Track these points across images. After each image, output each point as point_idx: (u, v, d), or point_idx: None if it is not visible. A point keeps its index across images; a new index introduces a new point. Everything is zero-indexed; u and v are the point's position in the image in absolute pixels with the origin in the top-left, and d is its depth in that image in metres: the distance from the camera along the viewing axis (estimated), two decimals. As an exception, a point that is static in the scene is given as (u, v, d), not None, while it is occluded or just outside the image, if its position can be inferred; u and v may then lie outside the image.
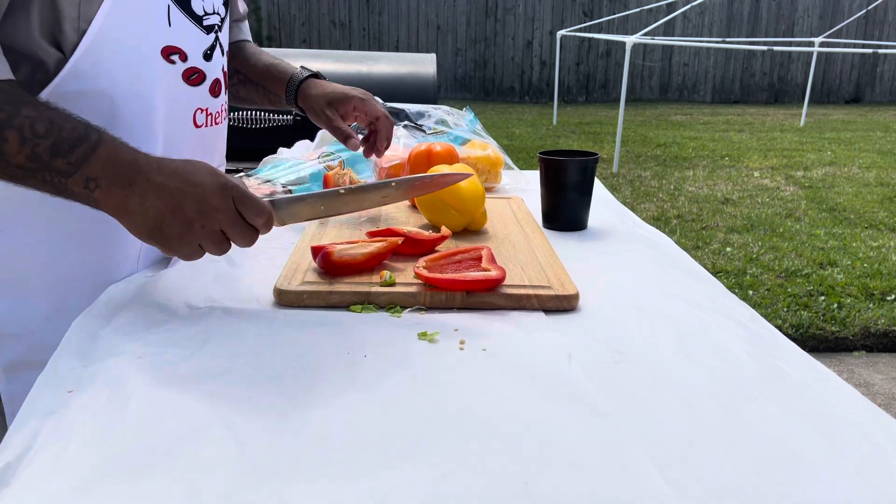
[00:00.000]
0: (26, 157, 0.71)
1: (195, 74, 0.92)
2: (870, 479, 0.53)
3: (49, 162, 0.72)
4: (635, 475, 0.53)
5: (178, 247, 0.76)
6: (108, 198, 0.74)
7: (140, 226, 0.75)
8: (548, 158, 1.18)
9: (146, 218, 0.74)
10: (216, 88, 0.98)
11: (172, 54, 0.87)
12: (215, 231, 0.76)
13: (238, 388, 0.64)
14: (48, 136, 0.71)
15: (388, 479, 0.51)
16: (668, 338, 0.76)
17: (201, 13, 0.92)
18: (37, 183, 0.73)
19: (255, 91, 1.18)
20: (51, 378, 0.66)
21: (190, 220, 0.74)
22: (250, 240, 0.78)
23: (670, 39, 8.92)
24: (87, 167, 0.72)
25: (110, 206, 0.74)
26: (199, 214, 0.74)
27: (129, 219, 0.75)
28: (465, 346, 0.73)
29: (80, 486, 0.50)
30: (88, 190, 0.73)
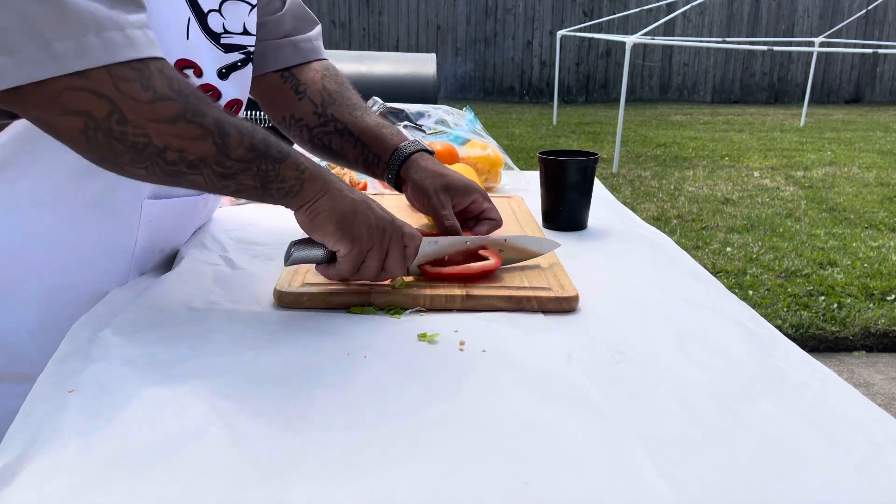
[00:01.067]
0: (246, 149, 0.72)
1: (209, 92, 0.89)
2: (870, 479, 0.53)
3: (265, 151, 0.73)
4: (635, 475, 0.53)
5: (362, 236, 0.79)
6: (313, 180, 0.76)
7: (336, 208, 0.77)
8: (548, 158, 1.18)
9: (343, 202, 0.78)
10: (233, 109, 0.94)
11: (187, 68, 0.85)
12: (387, 241, 0.81)
13: (238, 389, 0.64)
14: (255, 130, 0.73)
15: (387, 480, 0.51)
16: (668, 338, 0.76)
17: (219, 31, 0.89)
18: (248, 176, 0.73)
19: (353, 147, 1.07)
20: (51, 378, 0.66)
21: (379, 219, 0.80)
22: (402, 266, 0.84)
23: (670, 39, 8.92)
24: (293, 156, 0.76)
25: (314, 189, 0.77)
26: (385, 220, 0.81)
27: (327, 201, 0.77)
28: (464, 348, 0.73)
29: (80, 486, 0.50)
30: (299, 171, 0.75)
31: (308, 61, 1.10)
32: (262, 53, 1.07)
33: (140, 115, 0.65)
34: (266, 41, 1.06)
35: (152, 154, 0.67)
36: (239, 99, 0.94)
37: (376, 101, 1.69)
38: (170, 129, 0.67)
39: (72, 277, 0.86)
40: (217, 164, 0.71)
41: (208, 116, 0.69)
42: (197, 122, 0.68)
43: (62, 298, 0.85)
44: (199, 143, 0.69)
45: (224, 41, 0.89)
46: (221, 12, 0.88)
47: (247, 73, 0.94)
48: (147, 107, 0.65)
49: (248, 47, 0.93)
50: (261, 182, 0.74)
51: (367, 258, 0.80)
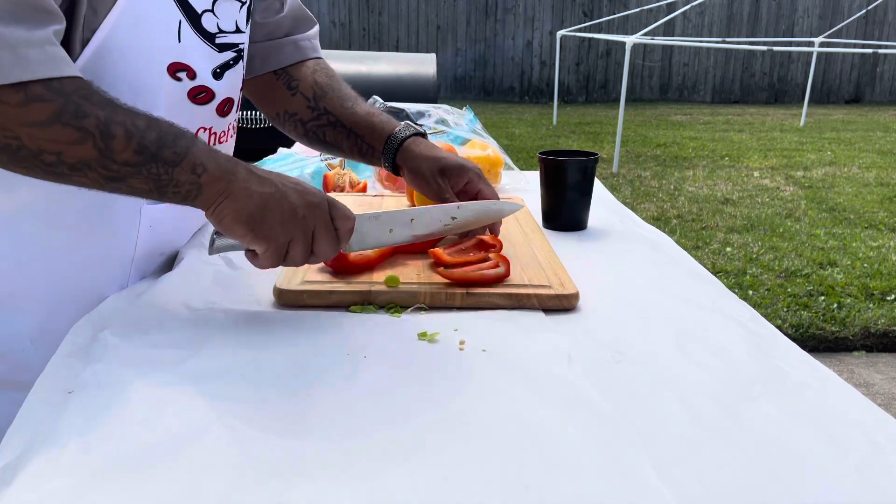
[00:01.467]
0: (133, 152, 0.69)
1: (203, 93, 0.88)
2: (870, 479, 0.53)
3: (156, 153, 0.70)
4: (635, 476, 0.53)
5: (275, 234, 0.75)
6: (213, 182, 0.73)
7: (241, 211, 0.74)
8: (548, 158, 1.18)
9: (249, 202, 0.74)
10: (226, 108, 0.94)
11: (179, 71, 0.84)
12: (310, 229, 0.77)
13: (238, 389, 0.64)
14: (150, 129, 0.71)
15: (387, 481, 0.51)
16: (668, 338, 0.76)
17: (214, 31, 0.88)
18: (139, 180, 0.71)
19: (346, 138, 1.08)
20: (51, 378, 0.66)
21: (294, 208, 0.76)
22: (334, 248, 0.80)
23: (670, 39, 8.92)
24: (192, 155, 0.72)
25: (213, 192, 0.73)
26: (303, 204, 0.76)
27: (229, 204, 0.74)
28: (464, 347, 0.73)
29: (80, 486, 0.50)
30: (196, 175, 0.72)
31: (306, 59, 1.10)
32: (263, 54, 1.07)
33: (9, 119, 0.64)
34: (267, 41, 1.07)
35: (28, 156, 0.66)
36: (231, 97, 0.94)
37: (376, 100, 1.69)
38: (42, 132, 0.65)
39: (72, 285, 0.86)
40: (102, 167, 0.69)
41: (90, 117, 0.67)
42: (74, 124, 0.66)
43: (63, 306, 0.85)
44: (77, 146, 0.67)
45: (219, 41, 0.89)
46: (215, 12, 0.88)
47: (238, 71, 0.94)
48: (16, 110, 0.64)
49: (239, 45, 0.93)
50: (154, 185, 0.72)
51: (290, 249, 0.77)
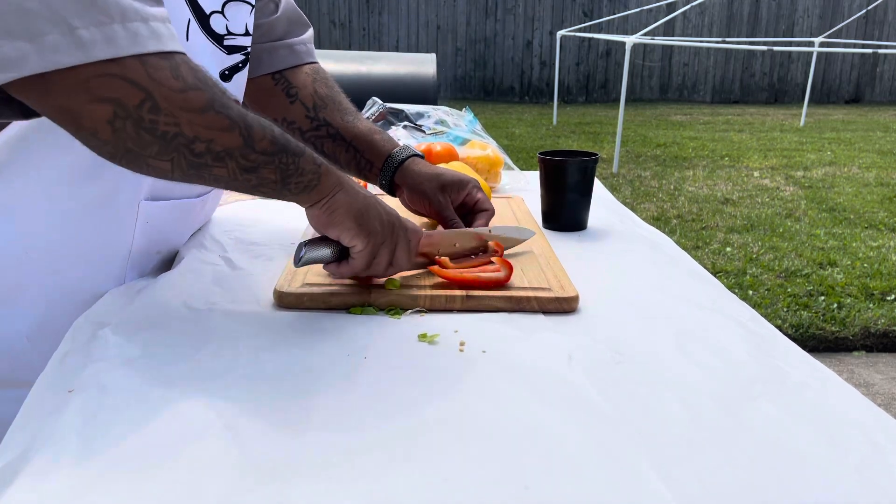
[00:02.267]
0: (269, 142, 0.71)
1: None
2: (870, 479, 0.53)
3: (286, 144, 0.73)
4: (635, 476, 0.53)
5: (377, 231, 0.80)
6: (330, 173, 0.77)
7: (352, 205, 0.78)
8: (548, 158, 1.18)
9: (357, 199, 0.79)
10: None
11: None
12: (395, 243, 0.83)
13: (238, 390, 0.64)
14: (271, 124, 0.73)
15: (387, 482, 0.51)
16: (668, 338, 0.76)
17: (223, 32, 0.88)
18: (269, 170, 0.73)
19: (345, 151, 1.08)
20: (51, 378, 0.66)
21: (389, 215, 0.82)
22: (409, 259, 0.86)
23: (670, 39, 8.92)
24: (309, 150, 0.76)
25: (330, 183, 0.77)
26: (393, 215, 0.83)
27: (343, 195, 0.78)
28: (465, 348, 0.73)
29: (80, 486, 0.50)
30: (317, 165, 0.76)
31: (301, 64, 1.10)
32: (256, 56, 1.07)
33: (173, 104, 0.63)
34: (260, 44, 1.06)
35: (180, 145, 0.66)
36: (238, 100, 0.94)
37: (376, 101, 1.69)
38: (200, 118, 0.66)
39: (69, 281, 0.85)
40: (242, 157, 0.70)
41: (233, 109, 0.69)
42: (224, 112, 0.68)
43: (60, 303, 0.85)
44: (227, 134, 0.68)
45: (227, 43, 0.89)
46: (224, 13, 0.87)
47: (245, 74, 0.94)
48: (179, 95, 0.64)
49: (247, 48, 0.93)
50: (281, 175, 0.74)
51: (379, 254, 0.81)
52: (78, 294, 0.85)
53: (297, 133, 1.09)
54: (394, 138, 1.10)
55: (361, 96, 1.77)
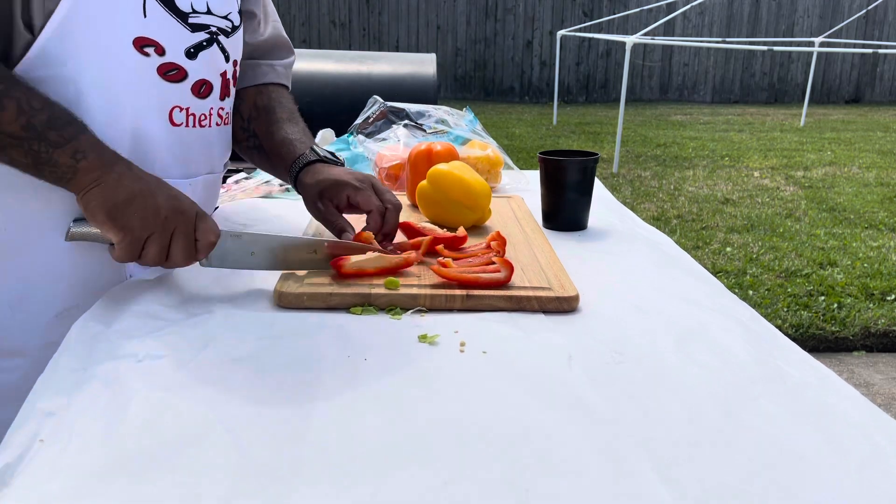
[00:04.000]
0: (21, 127, 0.75)
1: (173, 70, 0.89)
2: (870, 479, 0.53)
3: (42, 132, 0.76)
4: (635, 477, 0.53)
5: (133, 225, 0.79)
6: (89, 170, 0.78)
7: (107, 200, 0.78)
8: (548, 158, 1.18)
9: (116, 193, 0.78)
10: (203, 90, 0.95)
11: (146, 46, 0.86)
12: (169, 233, 0.80)
13: (238, 392, 0.64)
14: (43, 110, 0.76)
15: (388, 485, 0.51)
16: (668, 338, 0.76)
17: (188, 10, 0.90)
18: (18, 153, 0.76)
19: (267, 163, 1.10)
20: (51, 380, 0.66)
21: (158, 209, 0.79)
22: (188, 257, 0.82)
23: (670, 39, 8.92)
24: (76, 142, 0.78)
25: (87, 179, 0.78)
26: (169, 208, 0.80)
27: (98, 191, 0.78)
28: (465, 349, 0.73)
29: (80, 487, 0.50)
30: (74, 160, 0.77)
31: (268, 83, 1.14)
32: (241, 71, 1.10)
33: None
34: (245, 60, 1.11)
35: None
36: (206, 80, 0.94)
37: (377, 100, 1.69)
38: None
39: (52, 252, 0.87)
40: None
41: None
42: None
43: (45, 275, 0.87)
44: None
45: (192, 20, 0.91)
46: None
47: (213, 53, 0.95)
48: None
49: (211, 27, 0.94)
50: (33, 161, 0.77)
51: (147, 246, 0.80)
52: (61, 265, 0.87)
53: (235, 143, 1.11)
54: (302, 144, 1.06)
55: (361, 96, 1.77)
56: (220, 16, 0.95)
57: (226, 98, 1.01)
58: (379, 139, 1.56)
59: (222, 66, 0.98)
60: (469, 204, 1.10)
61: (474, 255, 0.95)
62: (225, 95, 1.00)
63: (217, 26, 0.95)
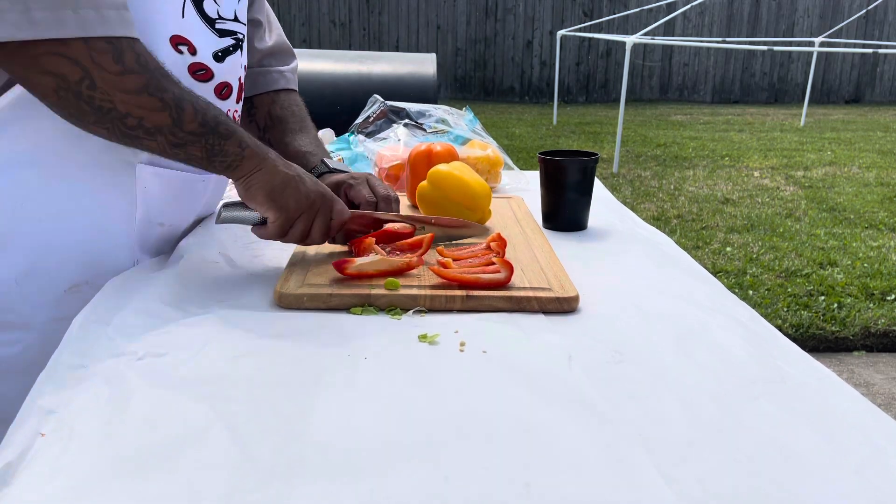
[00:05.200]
0: (198, 124, 0.81)
1: (202, 70, 0.93)
2: (870, 479, 0.53)
3: (215, 127, 0.83)
4: (636, 476, 0.53)
5: (289, 206, 0.87)
6: (252, 157, 0.86)
7: (268, 182, 0.86)
8: (548, 158, 1.18)
9: (276, 177, 0.87)
10: (224, 91, 0.99)
11: (181, 45, 0.89)
12: (315, 212, 0.90)
13: (238, 391, 0.64)
14: (208, 107, 0.83)
15: (388, 482, 0.51)
16: (668, 338, 0.76)
17: (214, 16, 0.94)
18: (196, 148, 0.82)
19: None
20: (51, 378, 0.66)
21: (308, 194, 0.89)
22: (325, 237, 0.93)
23: (670, 39, 8.92)
24: (239, 133, 0.85)
25: (251, 164, 0.86)
26: (316, 193, 0.90)
27: (260, 175, 0.86)
28: (465, 349, 0.73)
29: (80, 487, 0.50)
30: (240, 149, 0.85)
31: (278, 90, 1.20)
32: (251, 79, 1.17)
33: (108, 84, 0.75)
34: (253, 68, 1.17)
35: (115, 118, 0.77)
36: (228, 82, 0.99)
37: (377, 99, 1.69)
38: (133, 99, 0.77)
39: (66, 233, 0.89)
40: (171, 134, 0.80)
41: (169, 92, 0.79)
42: (158, 95, 0.78)
43: (52, 250, 0.88)
44: (158, 114, 0.78)
45: (218, 26, 0.95)
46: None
47: (237, 59, 1.00)
48: (116, 78, 0.75)
49: (237, 33, 0.99)
50: (207, 154, 0.83)
51: (294, 225, 0.89)
52: (75, 246, 0.89)
53: None
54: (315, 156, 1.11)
55: (362, 96, 1.77)
56: (240, 21, 1.00)
57: (239, 101, 1.06)
58: (379, 139, 1.56)
59: (240, 72, 1.02)
60: (469, 204, 1.10)
61: (474, 256, 0.95)
62: (239, 99, 1.05)
63: (240, 33, 1.00)
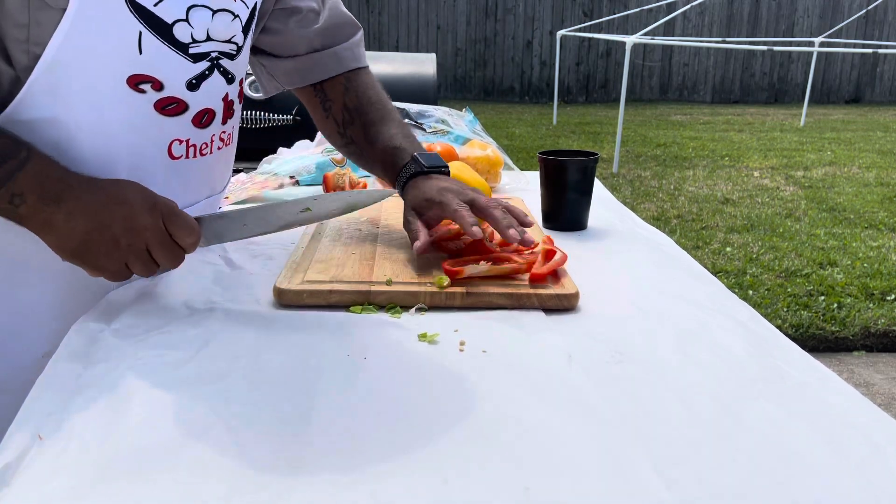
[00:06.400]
0: None
1: (172, 104, 0.85)
2: (870, 479, 0.53)
3: None
4: (635, 477, 0.53)
5: (103, 265, 0.77)
6: (33, 214, 0.74)
7: (64, 244, 0.75)
8: (548, 158, 1.18)
9: (71, 235, 0.75)
10: (205, 119, 0.91)
11: (143, 83, 0.82)
12: (142, 250, 0.77)
13: (238, 391, 0.64)
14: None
15: (387, 484, 0.51)
16: (668, 338, 0.76)
17: (187, 41, 0.84)
18: None
19: (373, 171, 1.11)
20: (51, 379, 0.66)
21: (116, 238, 0.76)
22: (177, 260, 0.80)
23: (670, 39, 8.92)
24: (13, 183, 0.72)
25: (35, 223, 0.74)
26: (125, 232, 0.76)
27: (53, 236, 0.75)
28: (465, 348, 0.73)
29: (79, 487, 0.50)
30: (13, 206, 0.73)
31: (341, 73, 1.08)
32: (303, 68, 1.06)
33: None
34: (305, 55, 1.06)
35: None
36: (209, 108, 0.90)
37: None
38: None
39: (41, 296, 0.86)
40: None
41: None
42: None
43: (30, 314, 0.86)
44: None
45: (192, 51, 0.86)
46: (189, 21, 0.84)
47: (215, 80, 0.90)
48: None
49: (212, 53, 0.89)
50: None
51: (132, 267, 0.78)
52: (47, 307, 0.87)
53: (337, 145, 1.12)
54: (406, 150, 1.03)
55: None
56: (222, 41, 0.89)
57: (228, 121, 0.97)
58: (379, 139, 1.56)
59: (224, 91, 0.93)
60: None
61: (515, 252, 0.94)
62: (227, 118, 0.96)
63: (219, 51, 0.90)
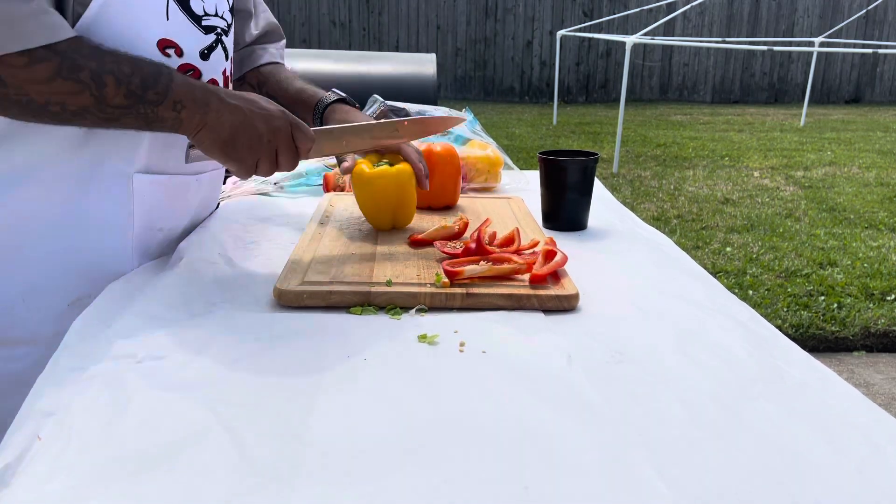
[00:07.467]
0: (124, 96, 0.79)
1: (190, 71, 0.93)
2: (870, 479, 0.53)
3: (142, 95, 0.80)
4: (635, 476, 0.53)
5: (243, 157, 0.87)
6: (191, 116, 0.83)
7: (216, 139, 0.85)
8: (548, 158, 1.18)
9: (222, 131, 0.85)
10: None
11: (168, 48, 0.89)
12: (273, 149, 0.88)
13: (238, 392, 0.64)
14: (134, 74, 0.80)
15: (387, 484, 0.51)
16: (668, 338, 0.76)
17: (200, 13, 0.94)
18: (130, 119, 0.81)
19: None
20: (51, 379, 0.66)
21: (260, 135, 0.87)
22: (295, 162, 0.92)
23: (670, 39, 8.92)
24: (171, 93, 0.82)
25: (192, 124, 0.84)
26: (267, 130, 0.87)
27: (207, 133, 0.85)
28: (464, 349, 0.73)
29: (79, 487, 0.50)
30: (176, 112, 0.83)
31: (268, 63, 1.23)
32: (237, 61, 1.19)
33: (16, 79, 0.74)
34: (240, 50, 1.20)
35: (37, 109, 0.77)
36: (215, 79, 0.99)
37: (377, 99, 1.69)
38: (46, 87, 0.75)
39: (66, 247, 0.89)
40: (99, 112, 0.79)
41: (85, 70, 0.77)
42: (73, 77, 0.76)
43: (57, 266, 0.89)
44: (77, 96, 0.77)
45: (205, 23, 0.95)
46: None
47: (219, 53, 1.00)
48: (23, 71, 0.74)
49: (218, 28, 0.99)
50: (144, 123, 0.83)
51: (259, 165, 0.89)
52: (75, 260, 0.90)
53: None
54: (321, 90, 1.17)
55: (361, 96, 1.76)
56: (220, 16, 0.99)
57: None
58: (379, 139, 1.56)
59: (224, 65, 1.01)
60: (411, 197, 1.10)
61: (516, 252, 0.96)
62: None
63: (221, 27, 0.99)
